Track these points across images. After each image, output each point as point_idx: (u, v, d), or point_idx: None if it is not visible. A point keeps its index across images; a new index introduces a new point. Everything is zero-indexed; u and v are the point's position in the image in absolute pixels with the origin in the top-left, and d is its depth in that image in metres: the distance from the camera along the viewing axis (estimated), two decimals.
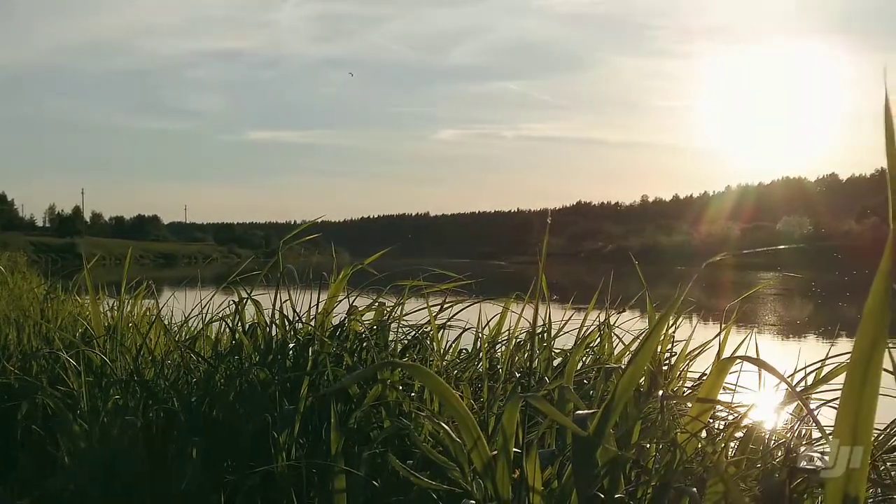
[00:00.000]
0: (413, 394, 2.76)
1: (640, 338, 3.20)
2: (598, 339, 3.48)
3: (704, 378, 2.90)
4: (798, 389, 2.39)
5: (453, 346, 3.54)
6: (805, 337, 14.67)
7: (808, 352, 2.84)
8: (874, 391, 0.95)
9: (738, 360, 1.96)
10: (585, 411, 1.56)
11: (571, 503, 1.53)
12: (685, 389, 2.97)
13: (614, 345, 3.44)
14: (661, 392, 1.82)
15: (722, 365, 1.71)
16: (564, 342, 3.55)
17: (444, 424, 1.76)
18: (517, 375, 3.12)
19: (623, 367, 1.90)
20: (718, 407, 2.22)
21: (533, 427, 2.09)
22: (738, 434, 1.93)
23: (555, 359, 3.32)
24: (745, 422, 2.03)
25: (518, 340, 3.52)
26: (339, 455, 2.15)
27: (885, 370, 2.22)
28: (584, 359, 3.40)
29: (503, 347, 3.54)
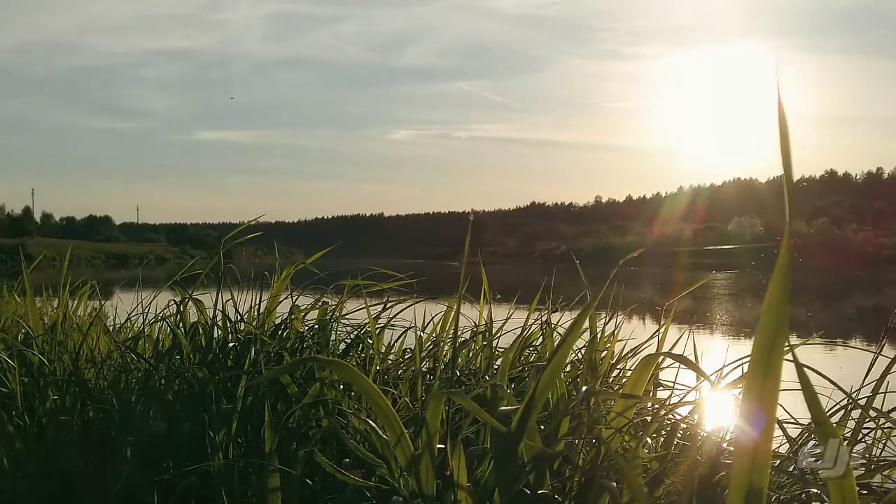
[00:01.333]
0: (353, 393, 2.76)
1: (569, 336, 3.24)
2: (541, 339, 3.51)
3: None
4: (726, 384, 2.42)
5: (398, 345, 3.54)
6: (749, 336, 14.82)
7: (745, 350, 2.87)
8: (775, 385, 0.96)
9: (663, 357, 1.98)
10: (509, 408, 1.57)
11: (495, 499, 1.53)
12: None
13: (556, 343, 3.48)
14: (584, 388, 1.84)
15: (646, 361, 1.74)
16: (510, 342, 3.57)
17: (370, 422, 1.77)
18: (458, 374, 3.14)
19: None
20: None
21: (472, 425, 2.11)
22: (669, 429, 1.96)
23: (499, 357, 3.34)
24: (678, 417, 2.06)
25: (463, 339, 3.55)
26: (273, 453, 2.15)
27: (805, 365, 2.26)
28: (528, 358, 3.43)
29: (446, 346, 3.56)
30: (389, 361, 3.38)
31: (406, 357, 3.47)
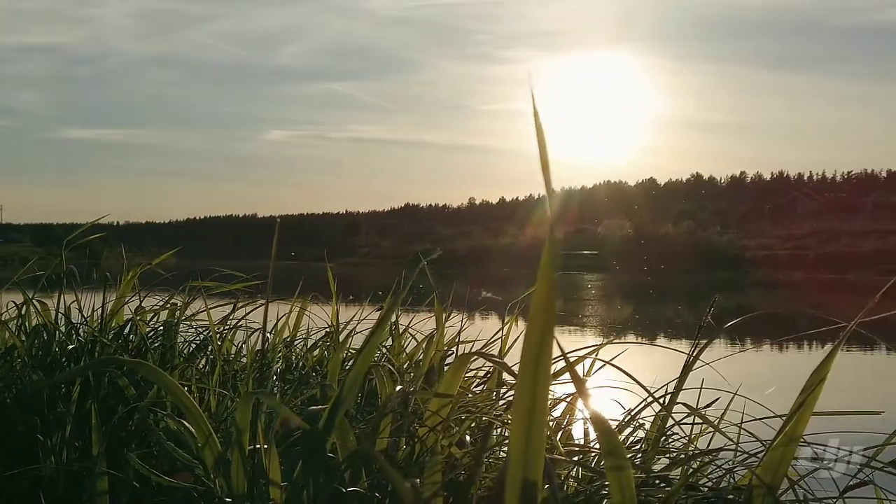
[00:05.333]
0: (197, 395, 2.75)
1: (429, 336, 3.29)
2: (391, 339, 3.54)
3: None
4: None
5: (249, 346, 3.52)
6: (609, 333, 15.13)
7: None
8: (545, 381, 1.01)
9: (477, 357, 2.03)
10: (318, 407, 1.60)
11: (305, 498, 1.55)
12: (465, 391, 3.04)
13: (404, 343, 3.53)
14: (399, 387, 1.88)
15: (460, 361, 1.78)
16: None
17: (184, 422, 1.77)
18: (304, 374, 3.16)
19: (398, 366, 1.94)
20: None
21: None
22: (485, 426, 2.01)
23: (351, 358, 3.35)
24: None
25: (314, 341, 3.58)
26: (101, 457, 2.13)
27: (619, 367, 2.35)
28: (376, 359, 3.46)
29: (299, 346, 3.59)
30: (242, 363, 3.36)
31: (257, 359, 3.46)
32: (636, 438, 2.33)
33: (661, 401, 2.17)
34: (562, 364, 2.52)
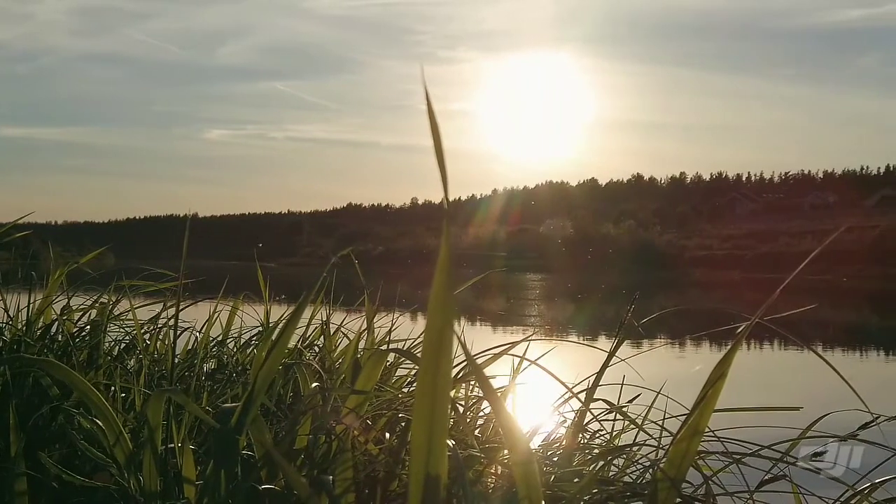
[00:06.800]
0: (123, 395, 2.72)
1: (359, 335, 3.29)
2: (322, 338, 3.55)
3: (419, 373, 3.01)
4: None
5: (182, 346, 3.50)
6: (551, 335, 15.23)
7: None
8: (447, 378, 1.02)
9: (395, 354, 2.03)
10: (231, 405, 1.59)
11: (219, 496, 1.55)
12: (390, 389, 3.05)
13: (337, 342, 3.53)
14: (314, 384, 1.88)
15: (378, 357, 1.78)
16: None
17: (97, 420, 1.76)
18: (230, 373, 3.14)
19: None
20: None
21: None
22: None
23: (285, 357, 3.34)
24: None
25: (245, 340, 3.57)
26: (19, 457, 2.10)
27: (539, 364, 2.37)
28: (310, 357, 3.45)
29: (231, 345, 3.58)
30: (176, 361, 3.34)
31: (189, 358, 3.44)
32: (558, 435, 2.35)
33: (579, 397, 2.19)
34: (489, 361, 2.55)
